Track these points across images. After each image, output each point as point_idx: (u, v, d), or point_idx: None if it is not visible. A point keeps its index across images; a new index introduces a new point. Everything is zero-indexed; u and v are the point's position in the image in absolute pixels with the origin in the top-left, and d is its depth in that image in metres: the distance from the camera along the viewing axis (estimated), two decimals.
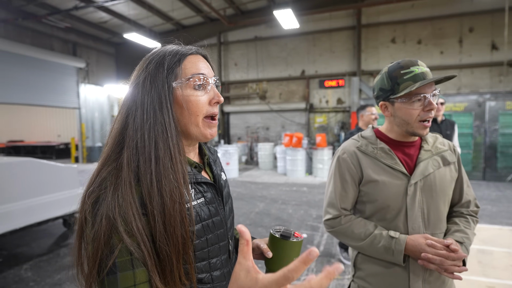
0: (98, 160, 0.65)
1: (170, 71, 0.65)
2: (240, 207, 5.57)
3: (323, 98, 11.44)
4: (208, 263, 0.68)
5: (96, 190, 0.58)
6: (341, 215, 1.13)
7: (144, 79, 0.65)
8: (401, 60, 1.05)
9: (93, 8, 10.07)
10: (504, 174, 7.70)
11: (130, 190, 0.57)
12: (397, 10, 9.99)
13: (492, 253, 3.29)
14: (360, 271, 1.14)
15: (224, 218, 0.75)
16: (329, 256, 3.37)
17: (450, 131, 3.04)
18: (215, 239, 0.70)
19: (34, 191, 3.52)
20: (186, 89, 0.66)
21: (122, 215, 0.54)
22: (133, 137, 0.62)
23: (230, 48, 12.53)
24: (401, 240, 1.00)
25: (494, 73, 9.22)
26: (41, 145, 14.36)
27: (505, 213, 4.91)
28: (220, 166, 0.85)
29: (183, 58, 0.68)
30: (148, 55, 0.70)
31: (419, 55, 9.91)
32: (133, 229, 0.54)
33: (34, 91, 10.15)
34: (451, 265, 0.93)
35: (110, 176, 0.59)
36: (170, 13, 11.12)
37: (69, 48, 11.88)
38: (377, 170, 1.08)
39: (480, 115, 7.81)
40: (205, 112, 0.68)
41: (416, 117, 1.03)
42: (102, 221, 0.54)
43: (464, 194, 1.14)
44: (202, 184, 0.70)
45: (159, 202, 0.58)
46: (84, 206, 0.57)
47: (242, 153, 11.65)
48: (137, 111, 0.63)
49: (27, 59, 9.86)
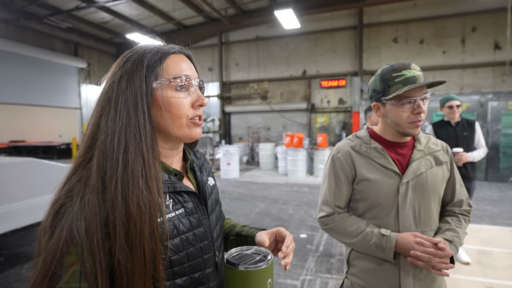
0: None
1: (150, 70, 0.61)
2: (240, 207, 5.56)
3: (325, 98, 11.42)
4: (189, 278, 0.63)
5: (62, 197, 0.54)
6: (334, 213, 1.17)
7: (120, 77, 0.60)
8: (395, 62, 1.09)
9: (94, 9, 10.10)
10: (506, 174, 7.65)
11: (97, 199, 0.52)
12: (399, 10, 9.95)
13: (492, 254, 3.27)
14: (353, 267, 1.17)
15: (208, 229, 0.69)
16: (328, 256, 3.36)
17: (468, 132, 2.87)
18: (197, 253, 0.64)
19: (36, 191, 3.53)
20: (167, 90, 0.62)
21: (86, 228, 0.50)
22: (104, 141, 0.56)
23: (231, 48, 12.53)
24: (391, 238, 1.03)
25: (497, 73, 9.17)
26: (43, 145, 14.38)
27: (506, 214, 4.88)
28: (207, 170, 0.81)
29: (165, 57, 0.63)
30: (127, 52, 0.65)
31: (421, 55, 9.87)
32: (92, 244, 0.50)
33: (35, 91, 10.19)
34: (438, 263, 0.96)
35: (78, 183, 0.55)
36: (171, 13, 11.14)
37: (70, 49, 11.92)
38: (370, 169, 1.11)
39: (482, 115, 7.77)
40: (190, 114, 0.64)
41: (405, 119, 1.06)
42: (61, 233, 0.50)
43: (457, 194, 1.17)
44: (182, 193, 0.65)
45: (123, 212, 0.52)
46: (47, 215, 0.53)
47: (243, 153, 11.64)
48: (110, 112, 0.58)
49: (29, 59, 9.90)
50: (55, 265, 0.49)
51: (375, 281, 1.10)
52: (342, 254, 3.41)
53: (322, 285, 2.81)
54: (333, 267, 3.14)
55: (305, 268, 3.14)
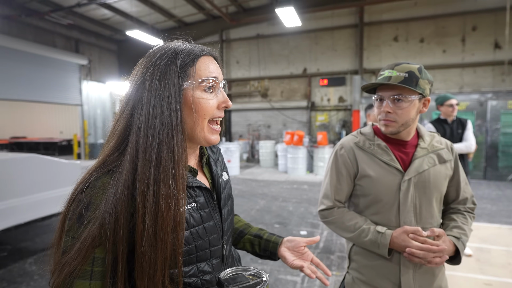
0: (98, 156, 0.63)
1: (183, 70, 0.62)
2: (241, 204, 5.59)
3: (325, 96, 11.43)
4: (195, 267, 0.65)
5: (92, 188, 0.56)
6: (334, 207, 1.19)
7: (152, 75, 0.61)
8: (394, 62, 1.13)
9: (95, 5, 10.09)
10: (505, 173, 7.69)
11: (127, 194, 0.55)
12: (399, 8, 9.94)
13: (490, 251, 3.31)
14: (354, 262, 1.19)
15: (219, 223, 0.72)
16: (328, 253, 3.40)
17: (461, 130, 3.03)
18: (205, 245, 0.67)
19: (38, 186, 3.56)
20: (197, 90, 0.64)
21: (115, 220, 0.53)
22: (137, 137, 0.58)
23: (232, 46, 12.52)
24: (386, 235, 1.05)
25: (497, 72, 9.18)
26: (44, 141, 14.43)
27: (505, 212, 4.92)
28: (222, 165, 0.83)
29: (197, 59, 0.64)
30: (155, 50, 0.65)
31: (422, 53, 9.88)
32: (118, 236, 0.53)
33: (36, 88, 10.20)
34: (433, 258, 0.99)
35: (110, 176, 0.57)
36: (172, 10, 11.12)
37: (71, 45, 11.91)
38: (372, 166, 1.12)
39: (482, 114, 7.79)
40: (212, 115, 0.66)
41: (378, 116, 1.13)
42: (94, 225, 0.53)
43: (461, 192, 1.18)
44: (194, 188, 0.67)
45: (153, 206, 0.55)
46: (78, 200, 0.56)
47: (244, 150, 11.67)
48: (142, 109, 0.59)
49: (30, 55, 9.90)
50: (89, 252, 0.53)
51: (375, 276, 1.11)
52: (342, 251, 3.46)
53: None
54: (333, 263, 3.17)
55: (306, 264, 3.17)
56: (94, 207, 0.54)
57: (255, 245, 0.91)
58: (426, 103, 1.12)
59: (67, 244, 0.54)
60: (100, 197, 0.55)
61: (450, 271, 2.80)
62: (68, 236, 0.54)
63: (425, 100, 1.11)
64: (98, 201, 0.55)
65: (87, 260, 0.52)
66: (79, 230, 0.53)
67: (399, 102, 1.06)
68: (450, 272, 2.80)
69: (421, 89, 1.05)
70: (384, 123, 1.10)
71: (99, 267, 0.54)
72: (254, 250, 0.92)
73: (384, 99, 1.09)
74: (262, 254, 0.91)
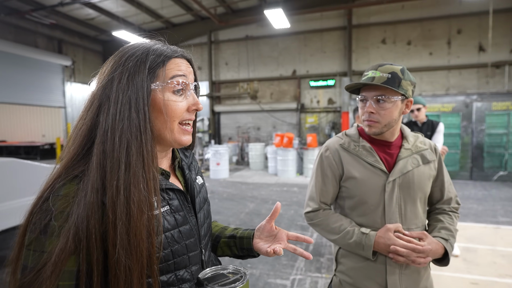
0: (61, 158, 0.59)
1: (152, 71, 0.60)
2: (230, 207, 5.50)
3: (314, 98, 11.47)
4: (174, 275, 0.63)
5: (59, 196, 0.53)
6: (320, 209, 1.19)
7: (120, 74, 0.59)
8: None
9: (79, 5, 9.82)
10: (490, 173, 7.85)
11: (97, 198, 0.52)
12: (387, 11, 10.08)
13: (476, 251, 3.34)
14: (341, 265, 1.19)
15: (195, 226, 0.70)
16: (318, 256, 3.36)
17: (431, 132, 3.11)
18: (183, 250, 0.65)
19: (17, 192, 3.39)
20: (165, 92, 0.62)
21: (87, 227, 0.51)
22: (103, 139, 0.56)
23: (221, 47, 12.43)
24: (371, 236, 1.06)
25: (481, 74, 9.41)
26: (25, 145, 13.91)
27: (490, 212, 4.99)
28: (196, 169, 0.81)
29: (167, 60, 0.63)
30: (126, 48, 0.63)
31: (409, 56, 10.03)
32: (91, 244, 0.51)
33: (17, 89, 9.84)
34: (417, 257, 1.00)
35: (77, 181, 0.54)
36: (159, 10, 10.95)
37: (54, 45, 11.56)
38: (357, 167, 1.13)
39: (467, 115, 7.94)
40: (184, 117, 0.65)
41: (362, 116, 1.13)
42: (68, 235, 0.50)
43: (446, 192, 1.19)
44: (167, 191, 0.65)
45: (125, 212, 0.53)
46: (43, 210, 0.52)
47: (233, 153, 11.56)
48: (109, 110, 0.57)
49: (10, 56, 9.55)
50: (63, 264, 0.49)
51: (362, 278, 1.11)
52: (332, 253, 3.41)
53: (312, 284, 2.80)
54: (322, 266, 3.14)
55: (295, 267, 3.13)
56: (63, 217, 0.51)
57: (232, 247, 0.86)
58: (409, 104, 1.12)
59: (27, 260, 0.50)
60: (70, 205, 0.52)
61: (436, 271, 2.80)
62: (29, 250, 0.50)
63: (408, 101, 1.12)
64: (68, 210, 0.51)
65: (63, 274, 0.49)
66: (45, 244, 0.50)
67: (382, 102, 1.07)
68: (437, 272, 2.81)
69: (404, 90, 1.06)
70: (368, 123, 1.11)
71: (72, 280, 0.50)
72: (233, 252, 0.86)
73: (367, 100, 1.10)
74: (241, 254, 0.85)
